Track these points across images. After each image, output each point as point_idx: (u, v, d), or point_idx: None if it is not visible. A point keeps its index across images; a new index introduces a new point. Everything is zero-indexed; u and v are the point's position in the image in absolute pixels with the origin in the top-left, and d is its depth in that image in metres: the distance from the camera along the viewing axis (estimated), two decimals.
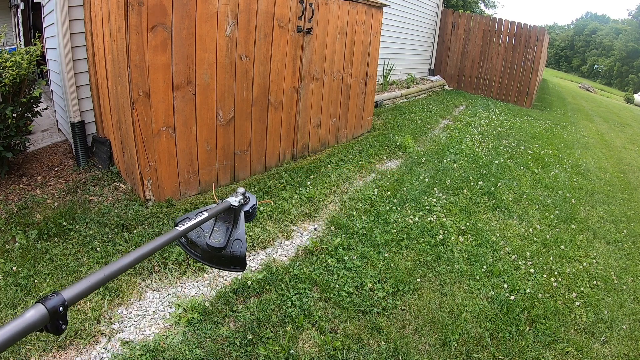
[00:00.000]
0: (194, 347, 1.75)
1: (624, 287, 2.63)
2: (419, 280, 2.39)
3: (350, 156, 4.24)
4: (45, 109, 3.58)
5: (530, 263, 2.72)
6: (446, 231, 2.96)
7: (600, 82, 47.74)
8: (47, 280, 2.04)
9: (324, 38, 3.83)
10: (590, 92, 24.66)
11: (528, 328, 2.12)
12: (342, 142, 4.68)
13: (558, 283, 2.54)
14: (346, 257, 2.50)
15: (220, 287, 2.17)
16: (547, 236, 3.15)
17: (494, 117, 7.63)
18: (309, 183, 3.44)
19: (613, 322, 2.24)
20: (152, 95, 2.50)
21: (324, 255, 2.51)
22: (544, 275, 2.60)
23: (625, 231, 3.50)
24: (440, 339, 1.96)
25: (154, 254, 0.81)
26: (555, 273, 2.66)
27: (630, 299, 2.51)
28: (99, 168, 3.33)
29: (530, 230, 3.22)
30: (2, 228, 2.44)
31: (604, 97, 23.98)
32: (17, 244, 2.29)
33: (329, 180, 3.57)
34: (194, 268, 2.29)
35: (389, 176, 3.88)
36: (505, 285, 2.42)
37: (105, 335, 1.79)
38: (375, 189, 3.53)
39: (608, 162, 5.98)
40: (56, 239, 2.36)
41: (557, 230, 3.30)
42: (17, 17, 7.89)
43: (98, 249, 2.30)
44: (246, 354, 1.75)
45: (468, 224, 3.14)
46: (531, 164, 4.97)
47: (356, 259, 2.50)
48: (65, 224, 2.48)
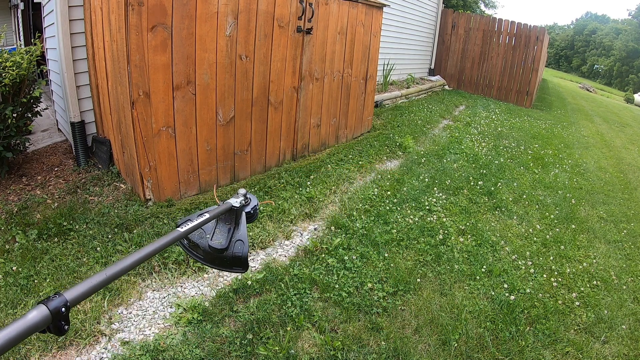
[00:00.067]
0: (194, 347, 1.75)
1: (624, 287, 2.63)
2: (419, 280, 2.39)
3: (350, 156, 4.24)
4: (45, 109, 3.58)
5: (530, 263, 2.72)
6: (446, 231, 2.96)
7: (600, 82, 47.75)
8: (47, 280, 2.04)
9: (324, 38, 3.83)
10: (590, 92, 24.67)
11: (528, 328, 2.12)
12: (342, 142, 4.68)
13: (558, 283, 2.55)
14: (346, 257, 2.50)
15: (220, 287, 2.17)
16: (547, 236, 3.15)
17: (494, 117, 7.63)
18: (309, 183, 3.44)
19: (613, 322, 2.25)
20: (152, 95, 2.50)
21: (324, 255, 2.51)
22: (544, 275, 2.60)
23: (625, 231, 3.50)
24: (440, 339, 1.96)
25: (155, 255, 0.82)
26: (555, 273, 2.66)
27: (630, 299, 2.51)
28: (99, 168, 3.33)
29: (530, 230, 3.22)
30: (2, 228, 2.44)
31: (604, 97, 23.98)
32: (17, 244, 2.29)
33: (329, 180, 3.57)
34: (194, 268, 2.29)
35: (389, 176, 3.88)
36: (505, 285, 2.43)
37: (105, 335, 1.79)
38: (375, 189, 3.53)
39: (608, 162, 5.98)
40: (56, 239, 2.36)
41: (557, 230, 3.30)
42: (17, 17, 7.89)
43: (98, 249, 2.30)
44: (246, 354, 1.75)
45: (468, 224, 3.14)
46: (531, 164, 4.97)
47: (356, 259, 2.50)
48: (65, 224, 2.48)
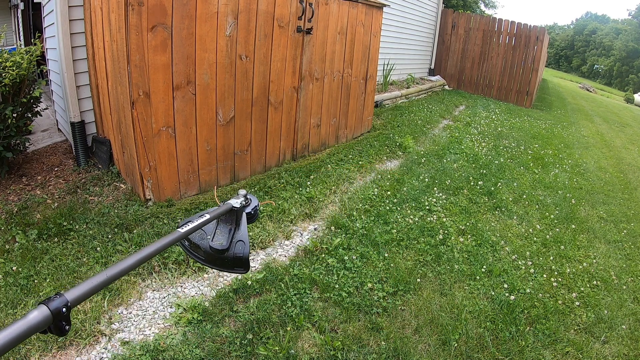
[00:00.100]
0: (194, 347, 1.75)
1: (624, 287, 2.63)
2: (419, 280, 2.39)
3: (350, 156, 4.24)
4: (45, 109, 3.58)
5: (530, 263, 2.72)
6: (446, 231, 2.96)
7: (600, 82, 47.75)
8: (47, 280, 2.04)
9: (324, 38, 3.83)
10: (590, 92, 24.67)
11: (528, 328, 2.12)
12: (342, 142, 4.68)
13: (558, 283, 2.55)
14: (346, 257, 2.50)
15: (220, 287, 2.17)
16: (547, 236, 3.15)
17: (494, 117, 7.63)
18: (309, 183, 3.44)
19: (613, 322, 2.25)
20: (152, 95, 2.50)
21: (324, 255, 2.51)
22: (544, 275, 2.60)
23: (625, 231, 3.50)
24: (440, 339, 1.96)
25: (155, 255, 0.82)
26: (555, 273, 2.66)
27: (630, 299, 2.51)
28: (99, 168, 3.33)
29: (530, 230, 3.22)
30: (2, 228, 2.44)
31: (604, 97, 23.98)
32: (17, 244, 2.29)
33: (329, 180, 3.57)
34: (194, 268, 2.29)
35: (389, 176, 3.88)
36: (505, 285, 2.43)
37: (105, 335, 1.79)
38: (375, 189, 3.53)
39: (608, 162, 5.98)
40: (56, 239, 2.36)
41: (557, 230, 3.30)
42: (17, 17, 7.89)
43: (98, 249, 2.30)
44: (246, 354, 1.75)
45: (468, 224, 3.14)
46: (531, 164, 4.97)
47: (356, 259, 2.50)
48: (65, 224, 2.48)
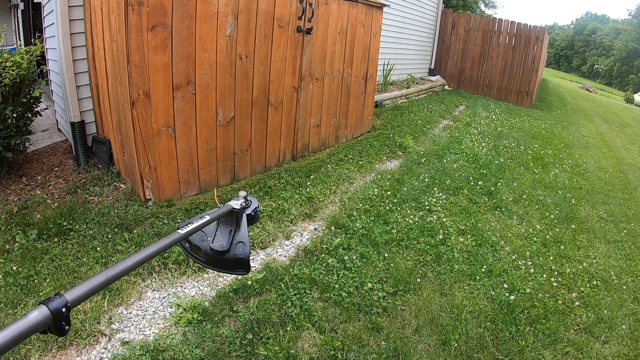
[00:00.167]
0: (194, 347, 1.75)
1: (624, 287, 2.63)
2: (419, 280, 2.39)
3: (350, 156, 4.24)
4: (45, 109, 3.58)
5: (530, 263, 2.72)
6: (446, 231, 2.96)
7: (600, 82, 47.75)
8: (47, 280, 2.04)
9: (324, 38, 3.83)
10: (590, 92, 24.67)
11: (528, 328, 2.12)
12: (342, 142, 4.68)
13: (558, 283, 2.54)
14: (346, 257, 2.50)
15: (220, 287, 2.17)
16: (547, 236, 3.15)
17: (494, 117, 7.63)
18: (309, 183, 3.44)
19: (613, 322, 2.25)
20: (152, 95, 2.50)
21: (324, 255, 2.51)
22: (544, 275, 2.60)
23: (625, 231, 3.50)
24: (440, 339, 1.96)
25: (155, 256, 0.82)
26: (555, 273, 2.66)
27: (630, 299, 2.51)
28: (99, 168, 3.33)
29: (530, 230, 3.22)
30: (2, 228, 2.44)
31: (604, 97, 23.98)
32: (17, 244, 2.29)
33: (329, 180, 3.57)
34: (194, 268, 2.29)
35: (389, 176, 3.88)
36: (505, 285, 2.43)
37: (105, 335, 1.79)
38: (375, 189, 3.53)
39: (608, 162, 5.98)
40: (56, 239, 2.36)
41: (557, 230, 3.30)
42: (17, 17, 7.89)
43: (98, 249, 2.30)
44: (246, 354, 1.75)
45: (468, 224, 3.14)
46: (531, 164, 4.97)
47: (356, 259, 2.50)
48: (65, 224, 2.48)
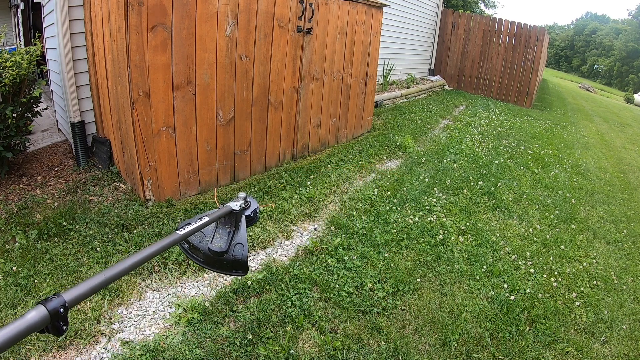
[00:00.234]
0: (194, 347, 1.75)
1: (624, 287, 2.63)
2: (419, 280, 2.39)
3: (350, 156, 4.24)
4: (45, 109, 3.58)
5: (530, 263, 2.72)
6: (446, 231, 2.96)
7: (600, 82, 47.74)
8: (47, 280, 2.04)
9: (324, 38, 3.83)
10: (590, 92, 24.66)
11: (528, 328, 2.12)
12: (342, 142, 4.68)
13: (558, 283, 2.55)
14: (346, 257, 2.50)
15: (220, 287, 2.17)
16: (547, 236, 3.15)
17: (494, 117, 7.63)
18: (309, 183, 3.44)
19: (613, 322, 2.25)
20: (152, 95, 2.50)
21: (324, 255, 2.51)
22: (544, 275, 2.60)
23: (625, 231, 3.50)
24: (440, 339, 1.96)
25: (154, 257, 0.82)
26: (555, 273, 2.66)
27: (630, 299, 2.51)
28: (99, 168, 3.33)
29: (530, 230, 3.22)
30: (2, 228, 2.44)
31: (604, 97, 23.98)
32: (17, 244, 2.29)
33: (329, 180, 3.57)
34: (194, 268, 2.29)
35: (389, 176, 3.88)
36: (505, 285, 2.43)
37: (105, 335, 1.79)
38: (375, 189, 3.53)
39: (608, 162, 5.98)
40: (56, 239, 2.36)
41: (557, 230, 3.30)
42: (17, 17, 7.89)
43: (98, 249, 2.30)
44: (246, 354, 1.75)
45: (468, 224, 3.14)
46: (531, 164, 4.97)
47: (356, 259, 2.50)
48: (65, 224, 2.48)
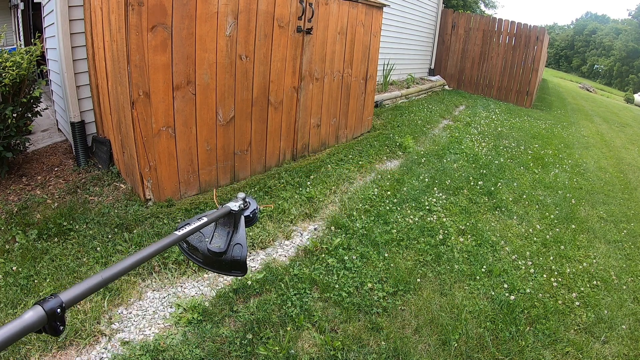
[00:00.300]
0: (194, 347, 1.75)
1: (624, 287, 2.63)
2: (419, 280, 2.39)
3: (350, 156, 4.24)
4: (45, 109, 3.58)
5: (530, 263, 2.72)
6: (446, 231, 2.96)
7: (600, 82, 47.73)
8: (47, 280, 2.04)
9: (324, 38, 3.83)
10: (590, 92, 24.66)
11: (528, 328, 2.12)
12: (342, 142, 4.68)
13: (558, 283, 2.54)
14: (346, 257, 2.50)
15: (220, 287, 2.17)
16: (547, 236, 3.15)
17: (494, 117, 7.63)
18: (309, 183, 3.44)
19: (613, 322, 2.25)
20: (152, 95, 2.50)
21: (324, 255, 2.51)
22: (544, 275, 2.60)
23: (625, 231, 3.50)
24: (440, 339, 1.96)
25: (152, 257, 0.82)
26: (555, 273, 2.66)
27: (630, 299, 2.51)
28: (99, 168, 3.33)
29: (530, 230, 3.22)
30: (2, 228, 2.44)
31: (604, 97, 23.98)
32: (17, 244, 2.29)
33: (329, 180, 3.57)
34: (193, 268, 2.29)
35: (389, 176, 3.88)
36: (505, 285, 2.42)
37: (105, 335, 1.79)
38: (375, 189, 3.53)
39: (608, 162, 5.98)
40: (56, 239, 2.36)
41: (557, 230, 3.30)
42: (17, 17, 7.89)
43: (98, 249, 2.30)
44: (246, 354, 1.75)
45: (468, 224, 3.14)
46: (531, 164, 4.97)
47: (356, 259, 2.50)
48: (65, 224, 2.48)
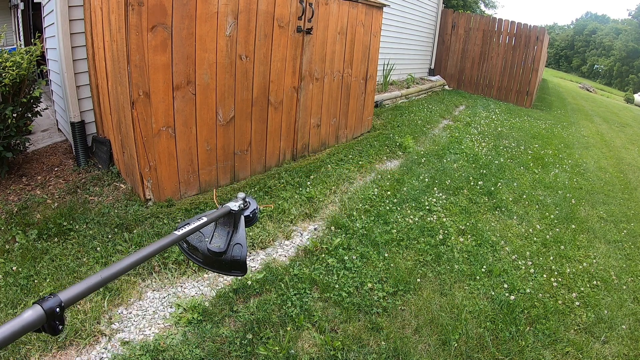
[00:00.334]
0: (194, 347, 1.75)
1: (624, 287, 2.63)
2: (419, 280, 2.39)
3: (350, 156, 4.24)
4: (45, 109, 3.58)
5: (530, 263, 2.72)
6: (446, 231, 2.96)
7: (600, 82, 47.73)
8: (47, 280, 2.04)
9: (324, 38, 3.83)
10: (590, 92, 24.66)
11: (528, 328, 2.12)
12: (342, 142, 4.68)
13: (558, 283, 2.54)
14: (346, 257, 2.50)
15: (220, 287, 2.17)
16: (547, 236, 3.15)
17: (494, 117, 7.63)
18: (309, 183, 3.44)
19: (613, 322, 2.24)
20: (152, 95, 2.50)
21: (324, 255, 2.51)
22: (544, 275, 2.60)
23: (625, 231, 3.50)
24: (440, 339, 1.96)
25: (152, 257, 0.82)
26: (555, 273, 2.66)
27: (630, 299, 2.51)
28: (99, 168, 3.33)
29: (530, 230, 3.22)
30: (2, 228, 2.44)
31: (604, 97, 23.98)
32: (17, 244, 2.29)
33: (329, 180, 3.57)
34: (193, 268, 2.29)
35: (389, 176, 3.88)
36: (505, 285, 2.42)
37: (105, 335, 1.79)
38: (375, 189, 3.53)
39: (608, 162, 5.98)
40: (56, 239, 2.36)
41: (557, 230, 3.30)
42: (17, 17, 7.89)
43: (98, 249, 2.30)
44: (246, 354, 1.75)
45: (468, 224, 3.14)
46: (531, 164, 4.97)
47: (356, 259, 2.50)
48: (65, 224, 2.48)
